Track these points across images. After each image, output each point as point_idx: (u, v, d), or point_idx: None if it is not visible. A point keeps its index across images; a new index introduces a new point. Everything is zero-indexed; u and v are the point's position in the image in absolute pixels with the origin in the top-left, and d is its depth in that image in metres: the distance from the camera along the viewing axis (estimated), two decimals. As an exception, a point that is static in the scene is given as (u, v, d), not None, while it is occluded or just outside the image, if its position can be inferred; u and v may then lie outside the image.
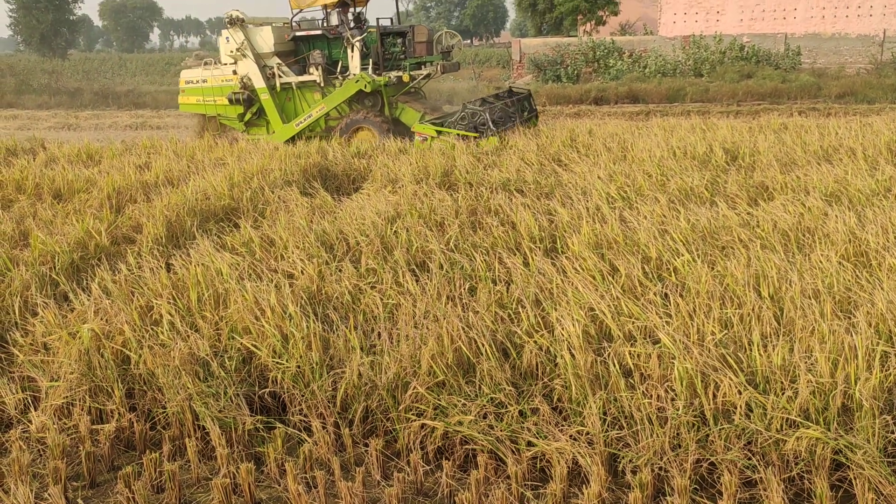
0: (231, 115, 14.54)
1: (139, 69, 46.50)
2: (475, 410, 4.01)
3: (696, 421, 3.82)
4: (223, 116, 14.73)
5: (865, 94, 21.17)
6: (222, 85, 14.36)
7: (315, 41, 14.26)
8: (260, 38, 13.95)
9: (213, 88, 14.46)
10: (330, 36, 14.06)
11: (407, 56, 13.94)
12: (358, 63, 13.64)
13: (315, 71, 13.84)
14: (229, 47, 14.03)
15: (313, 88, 14.16)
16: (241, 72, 14.17)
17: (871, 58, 29.29)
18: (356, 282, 5.63)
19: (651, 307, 4.80)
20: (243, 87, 14.12)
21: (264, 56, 14.00)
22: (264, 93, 14.06)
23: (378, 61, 13.59)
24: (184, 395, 4.29)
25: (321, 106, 13.81)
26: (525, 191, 8.59)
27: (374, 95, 13.70)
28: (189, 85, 14.84)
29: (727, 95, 22.32)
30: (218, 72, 14.51)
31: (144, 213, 7.85)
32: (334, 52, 14.17)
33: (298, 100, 14.29)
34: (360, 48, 13.57)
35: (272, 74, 14.02)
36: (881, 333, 4.39)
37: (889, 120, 13.24)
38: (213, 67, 14.66)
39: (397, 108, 13.91)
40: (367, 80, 13.18)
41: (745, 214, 6.96)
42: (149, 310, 5.31)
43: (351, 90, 13.47)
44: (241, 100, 14.09)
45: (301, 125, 13.96)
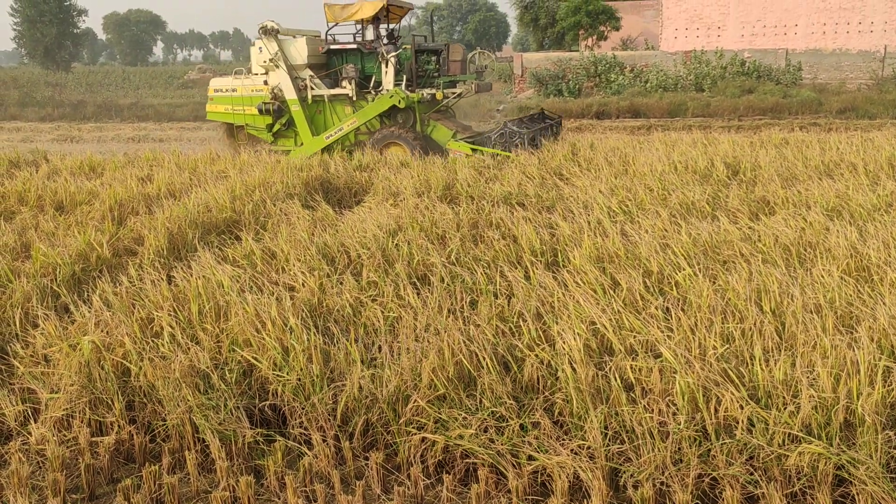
0: (259, 126, 14.45)
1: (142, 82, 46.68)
2: (476, 424, 4.00)
3: (698, 435, 3.80)
4: (251, 126, 14.61)
5: (866, 110, 21.22)
6: (252, 95, 14.29)
7: (348, 55, 14.22)
8: (294, 49, 13.90)
9: (243, 98, 14.38)
10: (364, 50, 14.02)
11: (441, 74, 13.88)
12: (392, 79, 13.59)
13: (348, 85, 13.79)
14: (262, 57, 13.96)
15: (344, 102, 14.08)
16: (272, 82, 14.10)
17: (871, 73, 29.39)
18: (357, 295, 5.62)
19: (652, 321, 4.79)
20: (274, 97, 14.04)
21: (297, 67, 13.95)
22: (295, 104, 13.97)
23: (412, 78, 13.54)
24: (184, 407, 4.28)
25: (353, 120, 13.73)
26: (526, 204, 8.60)
27: (406, 112, 13.63)
28: (218, 93, 14.74)
29: (728, 110, 22.38)
30: (248, 81, 14.42)
31: (146, 225, 7.86)
32: (367, 67, 14.11)
33: (329, 113, 14.21)
34: (395, 64, 13.54)
35: (304, 86, 13.98)
36: (883, 348, 4.37)
37: (890, 135, 13.27)
38: (243, 77, 14.57)
39: (429, 125, 13.83)
40: (401, 95, 13.12)
41: (747, 229, 6.96)
42: (150, 322, 5.31)
43: (384, 105, 13.41)
44: (271, 110, 14.01)
45: (331, 138, 13.90)
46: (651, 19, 41.08)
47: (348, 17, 14.05)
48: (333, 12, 14.08)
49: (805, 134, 15.59)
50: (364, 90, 13.99)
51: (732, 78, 26.66)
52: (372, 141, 13.40)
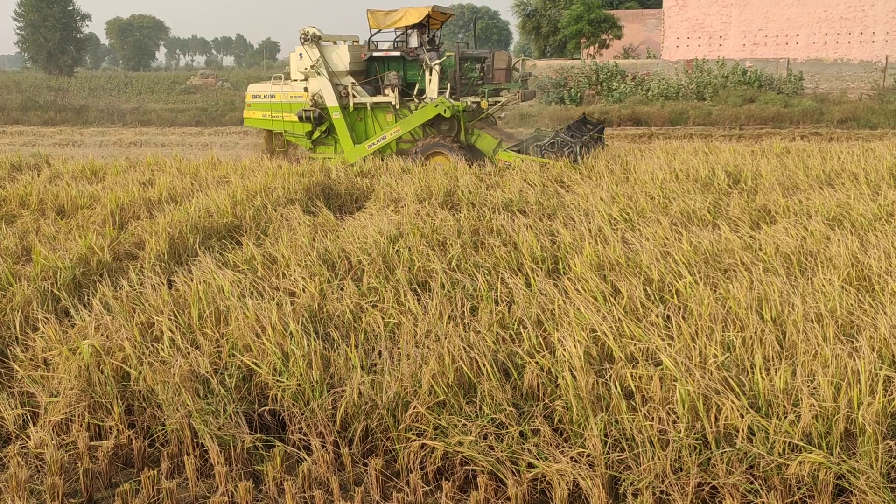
0: (299, 133, 14.27)
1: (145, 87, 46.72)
2: (475, 431, 3.99)
3: (698, 444, 3.80)
4: (290, 133, 14.42)
5: (868, 120, 21.24)
6: (291, 101, 14.09)
7: (390, 62, 14.02)
8: (336, 55, 13.68)
9: (282, 104, 14.18)
10: (408, 58, 13.83)
11: (485, 82, 13.69)
12: (436, 87, 13.42)
13: (391, 92, 13.59)
14: (303, 64, 13.73)
15: (387, 110, 13.81)
16: (312, 89, 13.86)
17: (873, 83, 29.42)
18: (358, 300, 5.62)
19: (653, 329, 4.79)
20: (314, 104, 13.87)
21: (338, 74, 13.73)
22: (336, 112, 13.72)
23: (455, 86, 13.39)
24: (183, 412, 4.28)
25: (396, 128, 13.49)
26: (527, 211, 8.61)
27: (451, 120, 13.37)
28: (256, 100, 14.53)
29: (730, 119, 22.40)
30: (288, 88, 14.20)
31: (147, 229, 7.87)
32: (409, 74, 13.93)
33: (370, 121, 13.97)
34: (439, 72, 13.39)
35: (345, 93, 13.76)
36: (884, 358, 4.37)
37: (891, 145, 13.27)
38: (282, 83, 14.36)
39: (473, 134, 13.61)
40: (446, 104, 12.91)
41: (748, 237, 6.96)
42: (150, 326, 5.30)
43: (429, 114, 13.16)
44: (312, 117, 13.80)
45: (373, 147, 13.58)
46: (653, 28, 41.17)
47: (392, 23, 13.83)
48: (376, 18, 13.88)
49: (806, 143, 15.61)
50: (407, 98, 13.78)
51: (734, 87, 26.69)
52: (416, 150, 13.17)
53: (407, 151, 13.52)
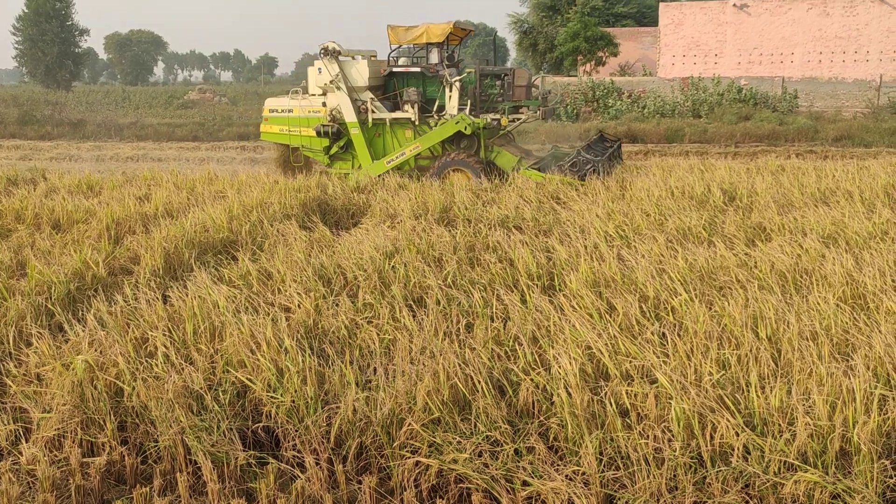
0: (316, 148, 14.10)
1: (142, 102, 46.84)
2: (470, 448, 3.97)
3: (694, 462, 3.78)
4: (307, 148, 14.22)
5: (862, 138, 21.34)
6: (309, 116, 14.01)
7: (409, 78, 13.95)
8: (355, 70, 13.57)
9: (300, 119, 14.09)
10: (428, 74, 13.76)
11: (505, 99, 13.59)
12: (456, 103, 13.35)
13: (410, 109, 13.54)
14: (322, 79, 13.70)
15: (406, 126, 13.70)
16: (330, 104, 13.77)
17: (867, 102, 29.60)
18: (353, 316, 5.61)
19: (648, 346, 4.79)
20: (332, 119, 13.73)
21: (358, 90, 13.62)
22: (354, 127, 13.63)
23: (475, 103, 13.31)
24: (176, 428, 4.25)
25: (415, 145, 13.36)
26: (523, 228, 8.62)
27: (470, 137, 13.31)
28: (273, 114, 14.40)
29: (725, 137, 22.50)
30: (305, 102, 14.09)
31: (143, 244, 7.86)
32: (429, 91, 13.85)
33: (389, 137, 13.88)
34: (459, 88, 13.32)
35: (364, 109, 13.62)
36: (879, 377, 4.37)
37: (886, 164, 13.34)
38: (300, 97, 14.26)
39: (492, 151, 13.52)
40: (467, 121, 12.86)
41: (743, 255, 6.97)
42: (144, 342, 5.29)
43: (450, 131, 13.10)
44: (330, 133, 13.69)
45: (392, 163, 13.51)
46: (649, 46, 41.43)
47: (412, 39, 13.80)
48: (397, 34, 13.86)
49: (801, 161, 15.67)
50: (426, 114, 13.71)
51: (729, 105, 26.82)
52: (436, 167, 13.10)
53: (425, 168, 13.41)
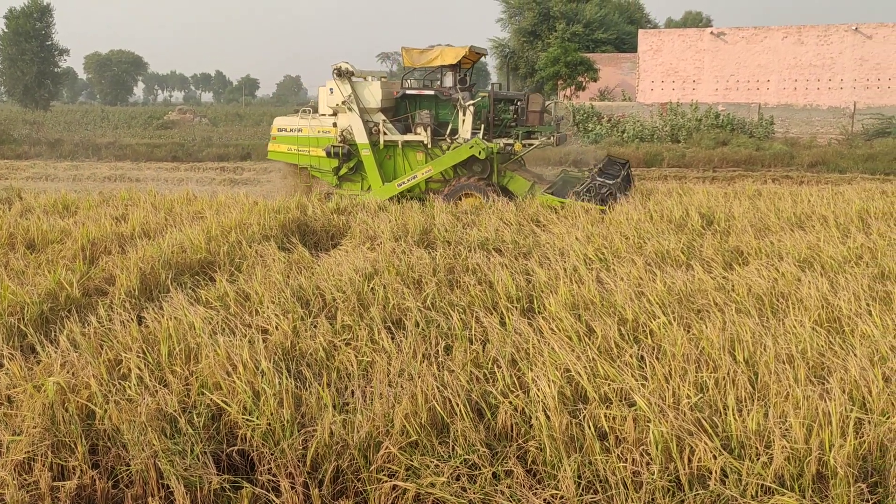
0: (325, 168, 13.97)
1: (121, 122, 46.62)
2: (448, 472, 3.94)
3: (672, 486, 3.77)
4: (315, 168, 14.12)
5: (837, 164, 21.68)
6: (319, 136, 13.84)
7: (422, 101, 13.88)
8: (368, 92, 13.47)
9: (309, 139, 13.92)
10: (442, 97, 13.70)
11: (518, 124, 13.56)
12: (469, 127, 13.31)
13: (422, 131, 13.43)
14: (333, 99, 13.56)
15: (417, 149, 13.62)
16: (341, 124, 13.67)
17: (841, 129, 30.12)
18: (331, 338, 5.57)
19: (627, 369, 4.79)
20: (342, 140, 13.63)
21: (370, 111, 13.53)
22: (366, 149, 13.52)
23: (488, 127, 13.30)
24: (149, 452, 4.18)
25: (428, 168, 13.31)
26: (503, 250, 8.63)
27: (484, 162, 13.25)
28: (281, 133, 14.24)
29: (703, 161, 22.77)
30: (315, 122, 13.98)
31: (118, 264, 7.76)
32: (441, 114, 13.78)
33: (400, 159, 13.74)
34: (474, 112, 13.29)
35: (376, 131, 13.52)
36: (855, 400, 4.40)
37: (860, 189, 13.55)
38: (310, 117, 14.12)
39: (505, 176, 13.50)
40: (481, 146, 12.81)
41: (721, 278, 7.02)
42: (117, 364, 5.20)
43: (463, 155, 13.04)
44: (340, 153, 13.57)
45: (403, 186, 13.44)
46: (628, 71, 41.95)
47: (427, 62, 13.77)
48: (411, 56, 13.82)
49: (777, 186, 15.89)
50: (439, 138, 13.61)
51: (707, 130, 27.18)
52: (448, 191, 13.00)
53: (436, 191, 13.29)
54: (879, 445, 3.96)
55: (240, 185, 18.81)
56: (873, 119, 29.16)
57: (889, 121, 28.13)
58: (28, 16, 59.61)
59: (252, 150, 26.49)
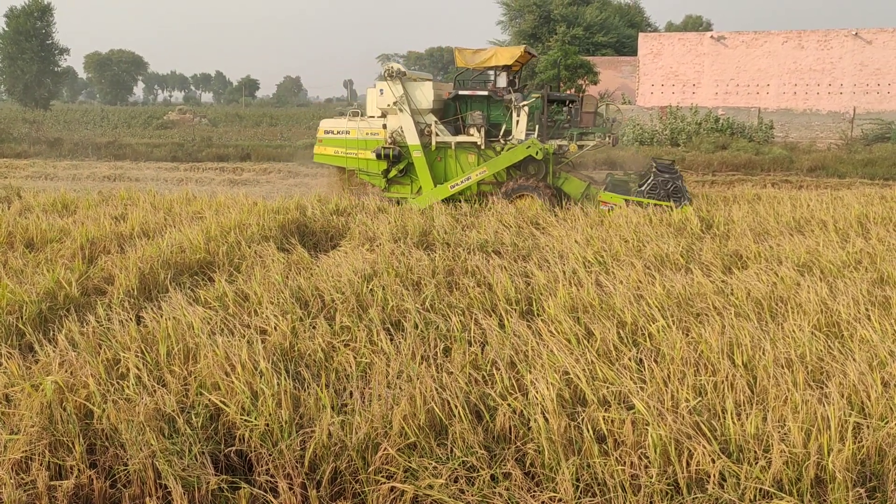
0: (374, 171, 13.72)
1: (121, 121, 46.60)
2: (446, 474, 3.93)
3: (670, 489, 3.77)
4: (363, 171, 13.88)
5: (836, 169, 21.69)
6: (367, 138, 13.63)
7: (473, 102, 13.73)
8: (420, 93, 13.27)
9: (357, 141, 13.69)
10: (496, 97, 13.56)
11: (571, 125, 13.46)
12: (524, 128, 13.19)
13: (476, 132, 13.24)
14: (383, 100, 13.32)
15: (469, 150, 13.40)
16: (391, 126, 13.47)
17: (841, 133, 30.15)
18: (330, 339, 5.57)
19: (625, 372, 4.78)
20: (392, 142, 13.41)
21: (421, 112, 13.31)
22: (417, 150, 13.28)
23: (541, 128, 13.21)
24: (147, 452, 4.17)
25: (483, 169, 13.08)
26: (502, 252, 8.63)
27: (539, 163, 13.06)
28: (328, 135, 14.00)
29: (703, 165, 22.77)
30: (364, 124, 13.75)
31: (117, 264, 7.76)
32: (493, 115, 13.66)
33: (452, 161, 13.49)
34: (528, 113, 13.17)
35: (428, 132, 13.30)
36: (853, 405, 4.39)
37: (859, 194, 13.56)
38: (358, 119, 13.86)
39: (560, 177, 13.34)
40: (538, 146, 12.65)
41: (720, 282, 7.02)
42: (116, 363, 5.20)
43: (520, 155, 12.86)
44: (391, 155, 13.33)
45: (457, 188, 13.16)
46: (628, 75, 41.99)
47: (481, 63, 13.65)
48: (464, 57, 13.72)
49: (776, 190, 15.89)
50: (492, 139, 13.47)
51: (707, 134, 27.19)
52: (504, 192, 12.87)
53: (488, 193, 13.19)
54: (878, 450, 3.95)
55: (239, 185, 18.80)
56: (873, 124, 29.20)
57: (888, 126, 28.17)
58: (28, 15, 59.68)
59: (251, 150, 26.47)
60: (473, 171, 13.13)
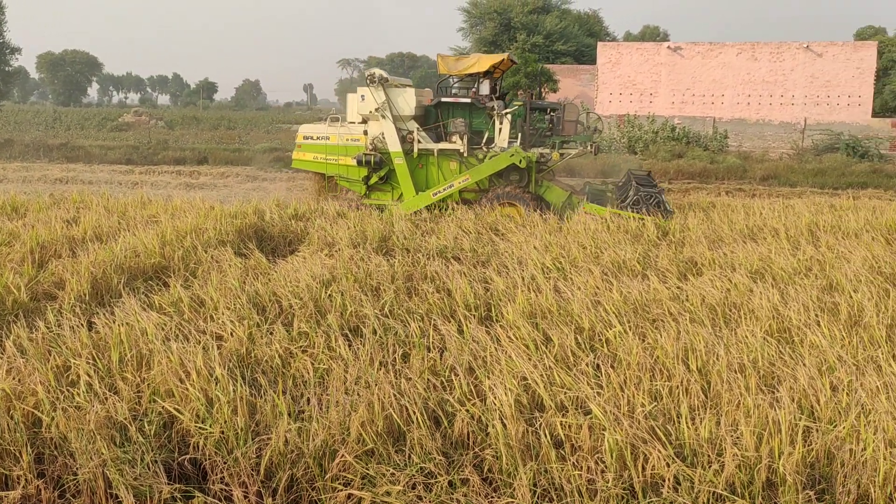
0: (354, 178, 13.60)
1: (74, 123, 45.66)
2: (404, 480, 3.92)
3: (626, 494, 3.80)
4: (343, 177, 13.74)
5: (788, 178, 22.20)
6: (348, 144, 13.47)
7: (455, 109, 13.57)
8: (402, 99, 13.15)
9: (337, 147, 13.52)
10: (479, 105, 13.47)
11: (553, 133, 13.46)
12: (507, 136, 13.16)
13: (458, 140, 13.18)
14: (365, 106, 13.19)
15: (452, 157, 13.31)
16: (373, 132, 13.35)
17: (792, 143, 30.89)
18: (287, 345, 5.51)
19: (583, 378, 4.82)
20: (374, 148, 13.31)
21: (404, 119, 13.20)
22: (399, 157, 13.16)
23: (525, 136, 13.18)
24: (97, 460, 4.08)
25: (466, 176, 12.97)
26: (462, 258, 8.65)
27: (521, 171, 13.03)
28: (308, 141, 13.80)
29: (659, 173, 23.10)
30: (344, 130, 13.61)
31: (69, 268, 7.58)
32: (475, 122, 13.56)
33: (434, 168, 13.40)
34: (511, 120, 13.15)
35: (410, 139, 13.19)
36: (803, 408, 4.49)
37: (810, 203, 13.90)
38: (338, 125, 13.72)
39: (542, 185, 13.33)
40: (522, 154, 12.65)
41: (675, 288, 7.13)
42: (66, 370, 5.08)
43: (503, 163, 12.81)
44: (372, 162, 13.21)
45: (439, 195, 13.04)
46: (587, 83, 42.50)
47: (463, 69, 13.54)
48: (447, 64, 13.62)
49: (731, 199, 16.21)
50: (474, 147, 13.39)
51: (663, 142, 27.63)
52: (487, 200, 12.80)
53: (470, 201, 13.11)
54: (827, 453, 4.05)
55: (196, 189, 18.54)
56: (823, 135, 29.97)
57: (837, 137, 28.93)
58: (-23, 13, 58.10)
59: (209, 153, 26.13)
60: (456, 178, 13.10)
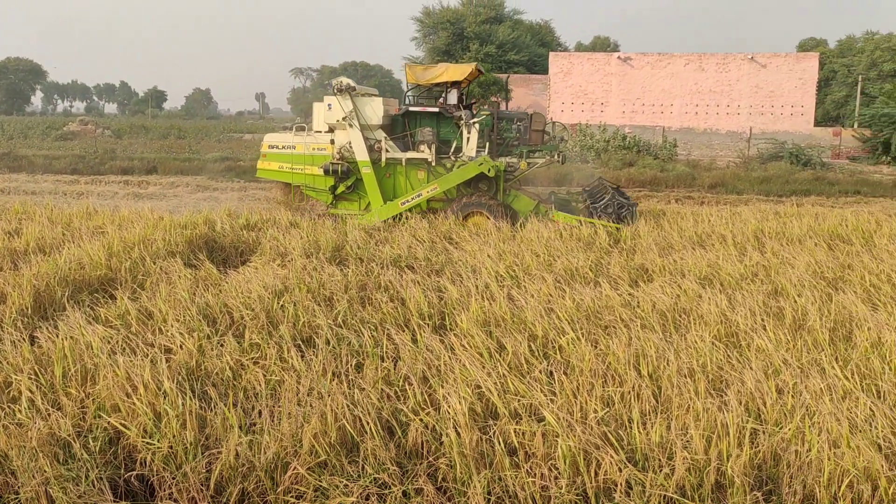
0: (320, 187, 13.39)
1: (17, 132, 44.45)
2: (357, 492, 3.88)
3: (579, 499, 3.83)
4: (309, 187, 13.51)
5: (734, 186, 22.71)
6: (314, 153, 13.28)
7: (423, 118, 13.52)
8: (370, 108, 13.01)
9: (304, 156, 13.33)
10: (447, 114, 13.37)
11: (520, 143, 13.41)
12: (474, 145, 13.07)
13: (426, 149, 13.07)
14: (332, 115, 13.04)
15: (419, 167, 13.21)
16: (339, 141, 13.17)
17: (739, 152, 31.62)
18: (238, 357, 5.43)
19: (536, 385, 4.85)
20: (340, 157, 13.13)
21: (371, 128, 13.06)
22: (366, 166, 13.01)
23: (491, 145, 13.11)
24: (40, 479, 3.95)
25: (434, 186, 12.86)
26: (416, 267, 8.63)
27: (490, 180, 12.94)
28: (273, 150, 13.56)
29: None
30: (310, 139, 13.44)
31: (10, 281, 7.35)
32: (443, 132, 13.45)
33: (402, 177, 13.25)
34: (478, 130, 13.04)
35: (378, 148, 13.06)
36: (751, 411, 4.58)
37: (756, 210, 14.24)
38: (304, 134, 13.55)
39: (510, 194, 13.25)
40: (490, 163, 12.56)
41: (627, 295, 7.22)
42: (7, 386, 4.92)
43: (471, 172, 12.68)
44: (339, 171, 13.06)
45: (407, 204, 12.91)
46: (539, 92, 42.94)
47: (431, 79, 13.47)
48: (414, 73, 13.55)
49: (680, 206, 16.52)
50: (442, 156, 13.30)
51: (615, 151, 28.05)
52: (455, 209, 12.67)
53: (438, 210, 13.02)
54: (773, 455, 4.13)
55: (145, 199, 18.18)
56: (767, 143, 30.78)
57: (782, 145, 29.73)
58: (-85, 18, 56.30)
59: (158, 163, 25.67)
60: (424, 187, 13.02)
